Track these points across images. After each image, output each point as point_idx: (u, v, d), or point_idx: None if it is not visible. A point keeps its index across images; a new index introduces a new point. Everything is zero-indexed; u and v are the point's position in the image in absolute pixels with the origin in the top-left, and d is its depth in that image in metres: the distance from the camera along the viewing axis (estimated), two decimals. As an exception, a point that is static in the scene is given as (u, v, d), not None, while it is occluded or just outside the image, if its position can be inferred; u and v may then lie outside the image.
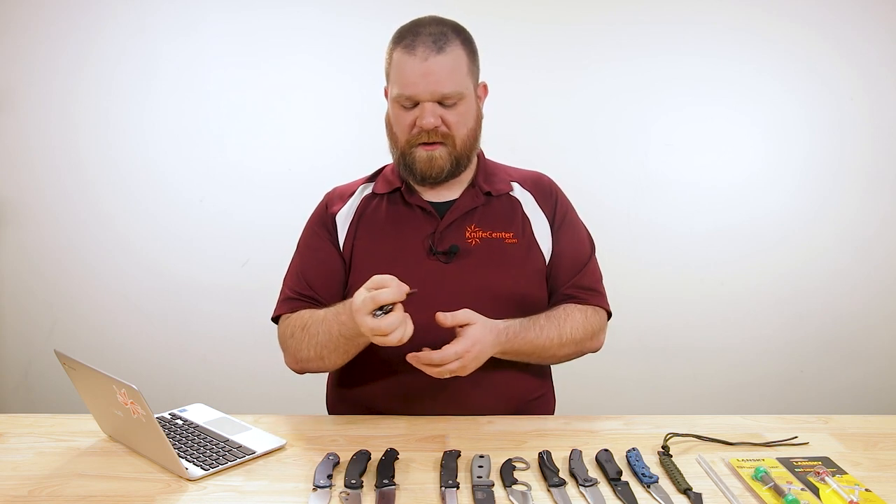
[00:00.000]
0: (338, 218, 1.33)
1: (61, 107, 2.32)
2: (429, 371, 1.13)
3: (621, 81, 2.35)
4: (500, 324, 1.20)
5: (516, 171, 1.40)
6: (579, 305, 1.32)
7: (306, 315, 1.25)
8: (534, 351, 1.25)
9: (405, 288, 1.06)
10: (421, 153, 1.24)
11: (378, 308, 1.05)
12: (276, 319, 1.33)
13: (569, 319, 1.28)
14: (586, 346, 1.32)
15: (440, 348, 1.11)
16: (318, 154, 2.35)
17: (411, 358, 1.12)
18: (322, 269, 1.31)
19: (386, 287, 1.05)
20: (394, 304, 1.06)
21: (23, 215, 2.37)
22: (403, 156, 1.26)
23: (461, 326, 1.14)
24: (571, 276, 1.33)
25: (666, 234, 2.41)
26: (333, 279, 1.30)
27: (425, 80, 1.18)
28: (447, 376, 1.14)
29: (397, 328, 1.05)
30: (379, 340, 1.07)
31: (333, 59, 2.33)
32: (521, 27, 2.31)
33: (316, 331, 1.21)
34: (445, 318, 1.13)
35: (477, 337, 1.14)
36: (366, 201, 1.34)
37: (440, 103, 1.20)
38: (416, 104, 1.21)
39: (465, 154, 1.27)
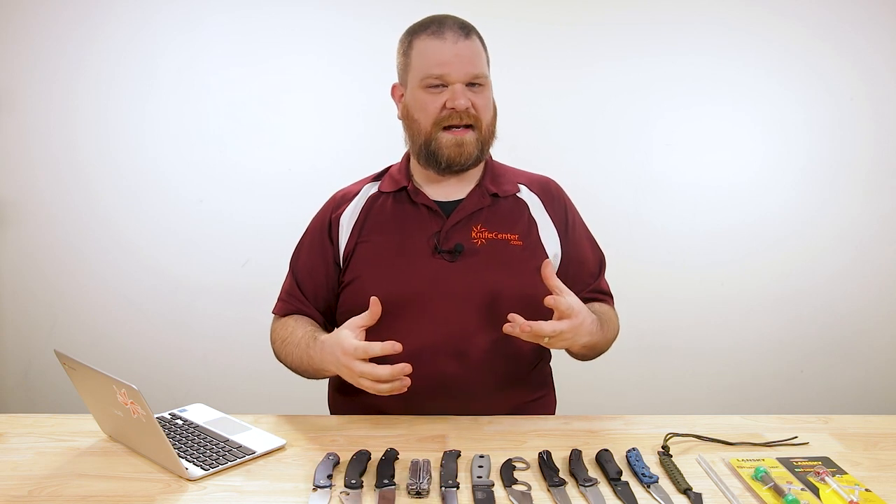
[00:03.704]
0: (342, 220, 1.33)
1: (61, 107, 2.32)
2: (542, 336, 1.09)
3: (621, 81, 2.35)
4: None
5: (523, 174, 1.40)
6: (606, 305, 1.36)
7: (288, 329, 1.30)
8: (597, 343, 1.23)
9: (398, 347, 1.07)
10: (448, 138, 1.23)
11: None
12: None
13: (611, 315, 1.32)
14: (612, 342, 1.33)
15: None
16: (318, 154, 2.35)
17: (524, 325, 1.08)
18: (311, 281, 1.34)
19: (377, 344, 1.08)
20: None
21: (23, 215, 2.37)
22: (427, 143, 1.25)
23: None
24: (589, 283, 1.36)
25: (666, 234, 2.41)
26: (321, 290, 1.34)
27: (458, 59, 1.20)
28: (559, 346, 1.14)
29: (394, 380, 1.08)
30: (368, 386, 1.09)
31: (333, 59, 2.32)
32: (521, 27, 2.31)
33: (290, 351, 1.27)
34: (551, 300, 1.12)
35: (581, 308, 1.13)
36: (371, 200, 1.34)
37: (468, 87, 1.22)
38: (444, 87, 1.21)
39: (489, 142, 1.29)
